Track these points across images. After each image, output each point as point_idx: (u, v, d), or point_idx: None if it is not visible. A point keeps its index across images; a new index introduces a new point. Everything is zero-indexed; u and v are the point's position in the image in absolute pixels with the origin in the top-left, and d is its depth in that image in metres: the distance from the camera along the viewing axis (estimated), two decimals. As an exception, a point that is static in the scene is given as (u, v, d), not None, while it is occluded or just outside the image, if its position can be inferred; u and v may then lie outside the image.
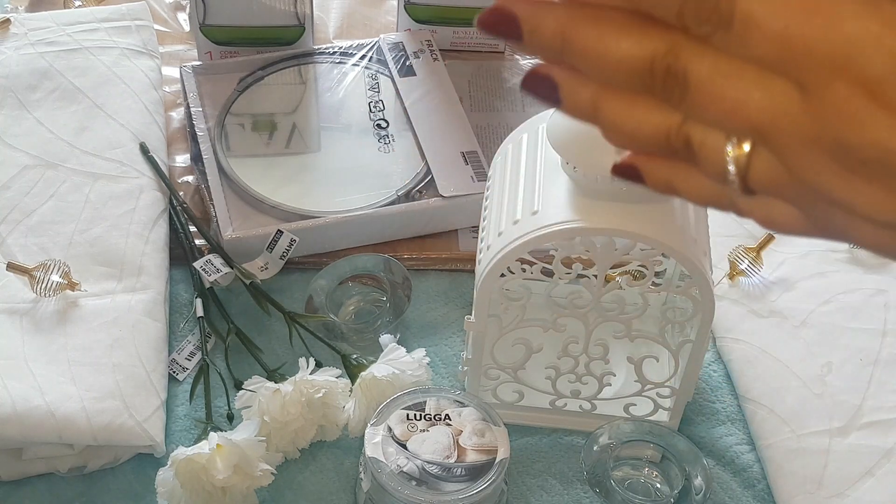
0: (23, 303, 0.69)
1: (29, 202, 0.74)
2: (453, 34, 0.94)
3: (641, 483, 0.65)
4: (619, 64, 0.30)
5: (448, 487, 0.58)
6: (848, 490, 0.63)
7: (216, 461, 0.59)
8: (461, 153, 0.81)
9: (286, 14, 0.88)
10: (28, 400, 0.62)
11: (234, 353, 0.70)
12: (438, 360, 0.72)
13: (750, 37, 0.27)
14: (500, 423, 0.62)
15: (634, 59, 0.30)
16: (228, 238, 0.74)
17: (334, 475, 0.66)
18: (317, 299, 0.73)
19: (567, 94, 0.33)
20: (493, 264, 0.59)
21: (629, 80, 0.30)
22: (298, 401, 0.63)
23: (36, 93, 0.81)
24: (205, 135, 0.81)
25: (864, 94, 0.26)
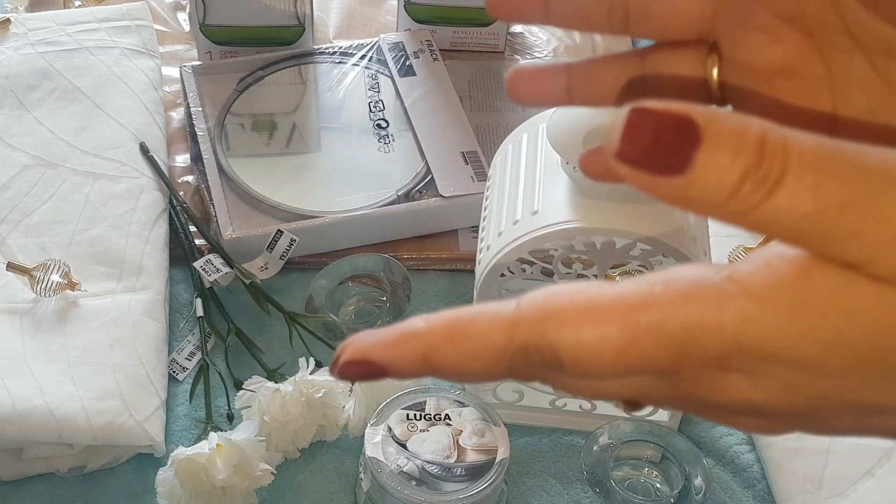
0: (23, 303, 0.69)
1: (29, 202, 0.74)
2: (453, 34, 0.94)
3: (641, 483, 0.65)
4: (486, 370, 0.30)
5: (448, 487, 0.58)
6: (848, 490, 0.63)
7: (216, 461, 0.59)
8: (461, 153, 0.81)
9: (286, 14, 0.88)
10: (28, 400, 0.62)
11: (234, 352, 0.70)
12: (438, 359, 0.72)
13: (587, 370, 0.27)
14: (499, 422, 0.62)
15: (496, 362, 0.29)
16: (228, 238, 0.74)
17: (334, 475, 0.66)
18: (317, 299, 0.73)
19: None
20: (493, 264, 0.59)
21: (501, 374, 0.30)
22: (298, 401, 0.63)
23: (36, 93, 0.81)
24: (205, 135, 0.81)
25: (713, 368, 0.27)
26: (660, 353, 0.26)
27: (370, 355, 0.29)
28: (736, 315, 0.26)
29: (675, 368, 0.27)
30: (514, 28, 0.97)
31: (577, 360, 0.27)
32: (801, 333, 0.25)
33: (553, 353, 0.27)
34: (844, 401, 0.27)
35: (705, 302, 0.26)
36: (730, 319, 0.26)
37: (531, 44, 0.96)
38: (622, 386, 0.29)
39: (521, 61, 0.94)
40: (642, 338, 0.26)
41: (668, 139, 0.25)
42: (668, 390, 0.29)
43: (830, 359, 0.26)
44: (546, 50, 0.96)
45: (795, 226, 0.25)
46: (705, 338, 0.26)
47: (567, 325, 0.27)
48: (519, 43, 0.96)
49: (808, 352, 0.26)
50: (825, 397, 0.27)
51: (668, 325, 0.26)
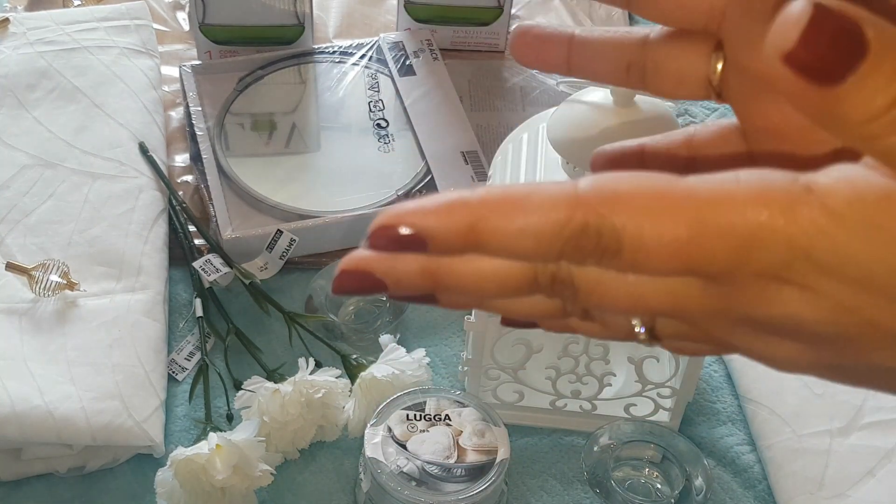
0: (22, 303, 0.68)
1: (28, 202, 0.74)
2: (453, 34, 0.93)
3: (642, 483, 0.65)
4: (499, 289, 0.29)
5: (448, 488, 0.58)
6: (849, 490, 0.63)
7: (215, 461, 0.59)
8: (461, 153, 0.81)
9: (286, 13, 0.88)
10: (27, 400, 0.62)
11: (234, 353, 0.70)
12: (438, 360, 0.72)
13: (643, 260, 0.26)
14: (500, 423, 0.61)
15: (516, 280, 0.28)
16: (228, 238, 0.74)
17: (334, 475, 0.66)
18: (316, 299, 0.72)
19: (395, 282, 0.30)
20: (493, 264, 0.58)
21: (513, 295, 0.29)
22: (298, 401, 0.63)
23: (35, 92, 0.81)
24: (204, 134, 0.81)
25: (770, 277, 0.26)
26: (722, 253, 0.26)
27: (409, 220, 0.28)
28: (808, 224, 0.25)
29: (731, 272, 0.26)
30: (514, 27, 0.97)
31: (638, 247, 0.26)
32: (871, 254, 0.25)
33: (615, 237, 0.26)
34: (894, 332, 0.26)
35: (777, 207, 0.25)
36: (801, 229, 0.25)
37: (531, 43, 0.96)
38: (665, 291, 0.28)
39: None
40: (709, 234, 0.25)
41: (843, 46, 0.24)
42: (712, 299, 0.27)
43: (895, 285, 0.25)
44: (546, 49, 0.95)
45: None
46: (772, 244, 0.25)
47: (634, 211, 0.26)
48: (519, 42, 0.96)
49: (875, 273, 0.25)
50: (877, 324, 0.26)
51: (737, 226, 0.25)
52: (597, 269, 0.27)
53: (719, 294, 0.27)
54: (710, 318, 0.28)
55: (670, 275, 0.27)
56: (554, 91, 0.91)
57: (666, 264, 0.26)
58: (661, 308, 0.28)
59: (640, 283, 0.28)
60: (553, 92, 0.91)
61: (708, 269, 0.26)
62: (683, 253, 0.26)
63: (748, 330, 0.28)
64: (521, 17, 0.98)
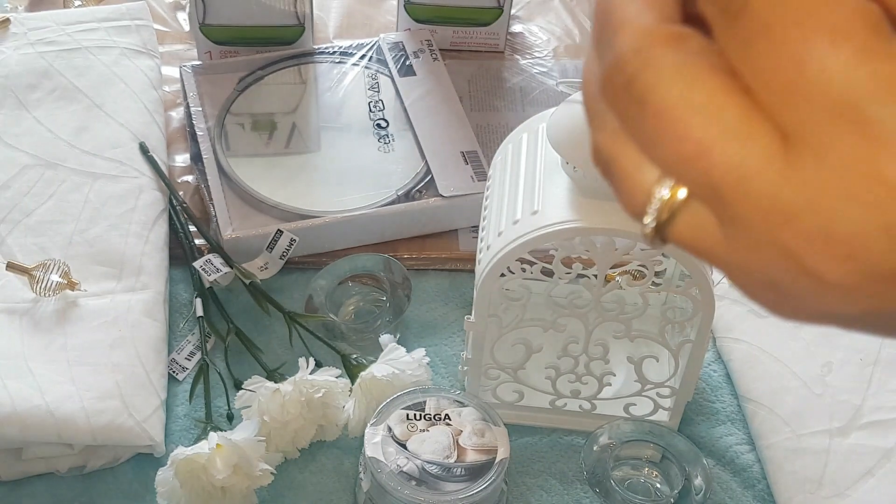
0: (22, 302, 0.69)
1: (28, 202, 0.74)
2: (453, 34, 0.93)
3: (641, 483, 0.65)
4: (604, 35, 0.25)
5: (448, 487, 0.58)
6: (848, 490, 0.63)
7: (216, 461, 0.59)
8: (461, 153, 0.81)
9: (286, 14, 0.88)
10: (28, 399, 0.62)
11: (234, 352, 0.70)
12: (438, 360, 0.72)
13: (753, 44, 0.22)
14: (499, 422, 0.61)
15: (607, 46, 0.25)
16: (228, 238, 0.74)
17: (334, 475, 0.66)
18: (316, 299, 0.72)
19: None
20: (493, 264, 0.59)
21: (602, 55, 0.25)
22: (298, 401, 0.63)
23: (35, 92, 0.81)
24: (204, 134, 0.81)
25: (874, 145, 0.21)
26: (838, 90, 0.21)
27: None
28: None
29: (834, 133, 0.22)
30: (513, 28, 0.97)
31: (758, 13, 0.22)
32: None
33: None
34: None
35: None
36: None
37: (531, 43, 0.96)
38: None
39: (522, 61, 0.94)
40: (846, 54, 0.21)
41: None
42: (785, 185, 0.23)
43: None
44: (546, 50, 0.96)
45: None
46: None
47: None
48: (519, 43, 0.96)
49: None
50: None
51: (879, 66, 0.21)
52: (680, 87, 0.23)
53: (801, 180, 0.23)
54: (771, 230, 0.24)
55: (767, 96, 0.23)
56: (554, 91, 0.91)
57: (771, 63, 0.22)
58: (721, 179, 0.23)
59: (718, 128, 0.23)
60: (553, 92, 0.91)
61: (809, 103, 0.22)
62: (799, 60, 0.22)
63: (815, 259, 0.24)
64: (520, 17, 0.99)
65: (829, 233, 0.23)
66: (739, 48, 0.23)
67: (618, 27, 0.24)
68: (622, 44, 0.24)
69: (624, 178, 0.26)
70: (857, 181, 0.22)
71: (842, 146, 0.22)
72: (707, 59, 0.23)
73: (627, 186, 0.26)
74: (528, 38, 0.97)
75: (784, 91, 0.22)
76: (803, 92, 0.22)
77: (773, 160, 0.23)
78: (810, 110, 0.22)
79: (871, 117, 0.21)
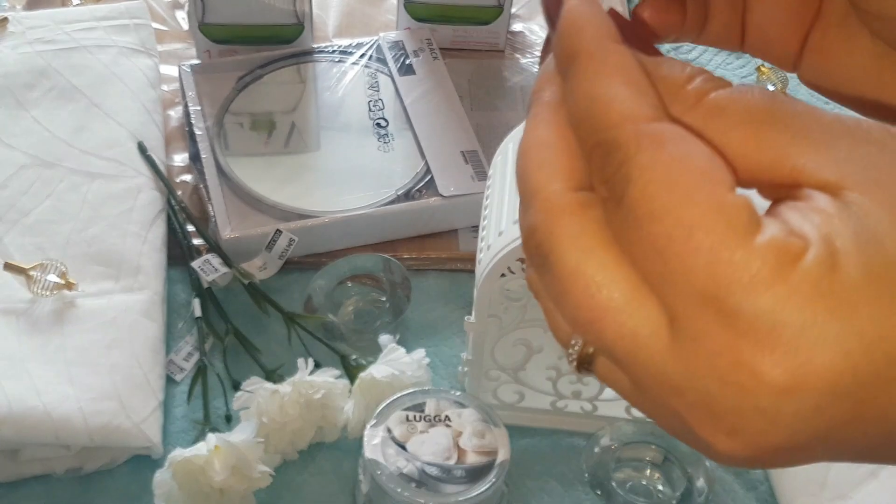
0: (19, 303, 0.68)
1: (26, 202, 0.74)
2: (453, 33, 0.93)
3: (643, 485, 0.65)
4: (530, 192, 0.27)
5: (448, 489, 0.58)
6: (851, 492, 0.62)
7: (214, 463, 0.59)
8: (461, 152, 0.80)
9: (285, 12, 0.88)
10: (24, 401, 0.62)
11: (233, 353, 0.69)
12: (438, 360, 0.72)
13: (632, 231, 0.24)
14: (500, 424, 0.61)
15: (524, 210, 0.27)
16: (227, 238, 0.74)
17: (333, 477, 0.66)
18: (316, 299, 0.72)
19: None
20: (493, 264, 0.58)
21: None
22: (297, 402, 0.62)
23: (33, 91, 0.81)
24: (203, 134, 0.81)
25: (736, 334, 0.23)
26: (700, 278, 0.23)
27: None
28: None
29: (698, 313, 0.24)
30: (514, 27, 0.97)
31: (635, 202, 0.24)
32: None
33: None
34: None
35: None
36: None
37: (531, 42, 0.96)
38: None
39: (522, 60, 0.94)
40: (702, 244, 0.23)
41: None
42: (669, 359, 0.24)
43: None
44: (546, 49, 0.95)
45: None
46: (749, 291, 0.23)
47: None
48: (519, 42, 0.96)
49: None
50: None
51: (735, 254, 0.23)
52: (581, 250, 0.25)
53: (681, 353, 0.24)
54: (663, 393, 0.25)
55: (648, 271, 0.24)
56: (554, 90, 0.91)
57: (648, 247, 0.24)
58: (615, 345, 0.25)
59: (612, 294, 0.25)
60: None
61: (680, 284, 0.24)
62: (664, 245, 0.24)
63: (702, 417, 0.25)
64: (520, 16, 0.98)
65: (711, 409, 0.24)
66: (623, 231, 0.24)
67: (531, 195, 0.26)
68: (533, 211, 0.26)
69: (549, 317, 0.28)
70: (725, 367, 0.23)
71: (710, 333, 0.23)
72: (605, 230, 0.25)
73: (552, 325, 0.28)
74: (528, 36, 0.97)
75: (660, 279, 0.24)
76: (673, 282, 0.23)
77: (659, 335, 0.24)
78: (682, 298, 0.23)
79: (732, 307, 0.23)
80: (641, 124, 0.24)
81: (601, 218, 0.25)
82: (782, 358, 0.22)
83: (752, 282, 0.22)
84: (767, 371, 0.22)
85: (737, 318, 0.23)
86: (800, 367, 0.22)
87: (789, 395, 0.23)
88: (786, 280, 0.22)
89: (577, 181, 0.26)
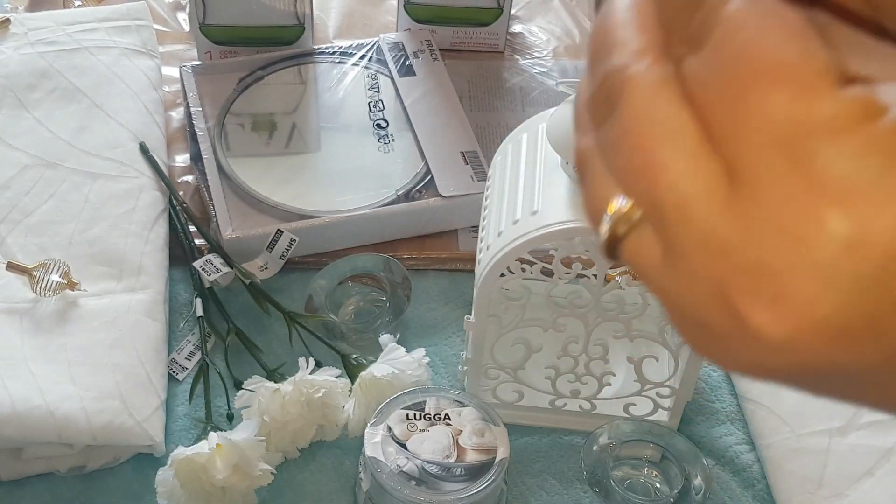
0: (22, 302, 0.69)
1: (28, 202, 0.74)
2: (453, 34, 0.94)
3: (641, 483, 0.65)
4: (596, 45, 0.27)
5: (448, 487, 0.58)
6: (848, 490, 0.63)
7: (216, 461, 0.59)
8: (461, 153, 0.81)
9: (286, 14, 0.88)
10: (27, 400, 0.62)
11: (234, 352, 0.70)
12: (438, 359, 0.72)
13: (711, 78, 0.23)
14: (499, 422, 0.62)
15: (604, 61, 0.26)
16: (228, 238, 0.74)
17: (334, 475, 0.66)
18: (316, 299, 0.73)
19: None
20: (492, 264, 0.59)
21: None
22: (298, 400, 0.63)
23: (35, 92, 0.81)
24: (204, 134, 0.81)
25: (806, 182, 0.22)
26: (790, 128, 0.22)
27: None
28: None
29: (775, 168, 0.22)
30: (513, 28, 0.97)
31: (722, 42, 0.23)
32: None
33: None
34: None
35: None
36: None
37: (531, 44, 0.96)
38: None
39: (521, 61, 0.94)
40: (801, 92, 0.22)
41: None
42: (721, 214, 0.23)
43: None
44: (546, 50, 0.96)
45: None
46: (844, 141, 0.22)
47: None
48: (519, 43, 0.96)
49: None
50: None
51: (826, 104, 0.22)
52: (647, 96, 0.25)
53: (737, 211, 0.23)
54: (705, 259, 0.24)
55: (716, 121, 0.23)
56: (553, 91, 0.91)
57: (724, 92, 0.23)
58: (665, 196, 0.24)
59: (671, 143, 0.24)
60: (553, 92, 0.91)
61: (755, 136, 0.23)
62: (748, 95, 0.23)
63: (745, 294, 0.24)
64: (520, 17, 0.99)
65: (759, 270, 0.23)
66: (701, 77, 0.24)
67: (612, 47, 0.26)
68: (614, 60, 0.25)
69: (591, 184, 0.26)
70: (788, 217, 0.22)
71: (778, 181, 0.22)
72: (680, 85, 0.24)
73: (592, 192, 0.26)
74: (528, 38, 0.97)
75: (733, 126, 0.23)
76: (747, 125, 0.22)
77: (715, 191, 0.23)
78: (753, 144, 0.22)
79: (807, 152, 0.22)
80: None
81: (678, 76, 0.24)
82: (851, 209, 0.21)
83: (834, 128, 0.22)
84: (833, 222, 0.21)
85: (810, 164, 0.22)
86: (868, 219, 0.21)
87: (852, 251, 0.21)
88: (867, 132, 0.21)
89: (658, 43, 0.26)
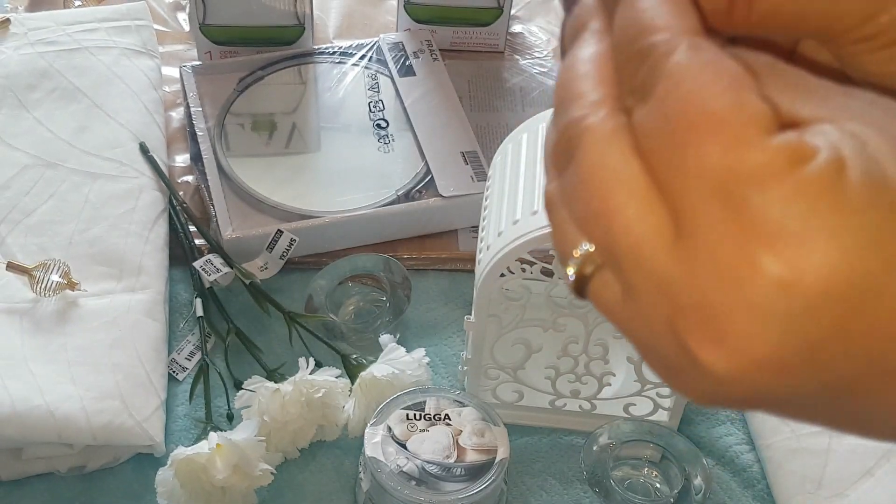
0: (22, 302, 0.69)
1: (28, 202, 0.74)
2: (453, 34, 0.94)
3: (641, 483, 0.65)
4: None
5: (448, 487, 0.58)
6: (848, 490, 0.63)
7: (216, 461, 0.59)
8: (461, 153, 0.81)
9: (286, 14, 0.88)
10: (28, 400, 0.62)
11: (234, 352, 0.70)
12: (438, 360, 0.72)
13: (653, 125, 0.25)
14: (499, 422, 0.62)
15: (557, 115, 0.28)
16: (228, 238, 0.74)
17: (334, 475, 0.66)
18: (316, 299, 0.73)
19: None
20: (492, 264, 0.59)
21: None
22: (298, 400, 0.63)
23: (35, 92, 0.81)
24: (204, 134, 0.81)
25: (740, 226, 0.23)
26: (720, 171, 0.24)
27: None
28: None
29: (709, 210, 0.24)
30: (513, 28, 0.97)
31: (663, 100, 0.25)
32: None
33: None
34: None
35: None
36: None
37: (531, 44, 0.96)
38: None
39: (521, 61, 0.94)
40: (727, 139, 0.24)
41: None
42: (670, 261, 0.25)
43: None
44: (546, 50, 0.96)
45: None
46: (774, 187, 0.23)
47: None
48: (519, 43, 0.96)
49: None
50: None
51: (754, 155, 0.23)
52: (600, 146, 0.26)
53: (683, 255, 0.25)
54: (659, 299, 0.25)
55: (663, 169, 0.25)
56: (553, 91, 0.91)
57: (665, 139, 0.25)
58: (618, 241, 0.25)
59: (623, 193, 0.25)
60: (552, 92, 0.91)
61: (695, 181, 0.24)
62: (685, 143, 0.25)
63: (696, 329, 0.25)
64: (520, 17, 0.99)
65: (703, 311, 0.24)
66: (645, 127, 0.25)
67: (572, 99, 0.28)
68: (572, 111, 0.27)
69: (558, 228, 0.28)
70: (724, 260, 0.24)
71: (714, 225, 0.24)
72: (631, 136, 0.26)
73: (559, 235, 0.28)
74: (528, 38, 0.97)
75: (674, 173, 0.24)
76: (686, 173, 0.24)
77: (663, 235, 0.25)
78: (692, 191, 0.24)
79: (740, 198, 0.23)
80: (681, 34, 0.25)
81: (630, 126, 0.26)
82: (782, 250, 0.23)
83: (763, 175, 0.23)
84: (766, 264, 0.23)
85: (744, 210, 0.23)
86: (798, 260, 0.23)
87: (784, 290, 0.23)
88: (795, 177, 0.23)
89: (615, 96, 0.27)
